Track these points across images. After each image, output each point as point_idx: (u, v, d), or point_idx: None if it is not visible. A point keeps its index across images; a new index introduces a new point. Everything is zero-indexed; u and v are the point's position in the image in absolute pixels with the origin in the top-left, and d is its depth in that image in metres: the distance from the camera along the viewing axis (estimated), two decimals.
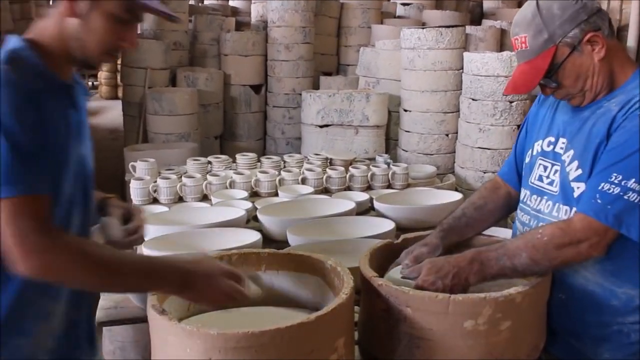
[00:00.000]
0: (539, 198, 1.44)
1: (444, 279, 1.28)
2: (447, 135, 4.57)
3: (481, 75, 4.11)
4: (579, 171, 1.34)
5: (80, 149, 1.24)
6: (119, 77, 8.81)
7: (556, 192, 1.39)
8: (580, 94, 1.35)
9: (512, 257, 1.28)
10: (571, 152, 1.36)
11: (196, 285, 1.17)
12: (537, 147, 1.47)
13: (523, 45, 1.34)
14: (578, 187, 1.33)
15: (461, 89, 4.37)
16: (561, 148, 1.40)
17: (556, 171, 1.40)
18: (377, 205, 2.74)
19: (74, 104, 1.24)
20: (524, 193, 1.50)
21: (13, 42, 1.18)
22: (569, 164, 1.36)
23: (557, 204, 1.39)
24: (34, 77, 1.13)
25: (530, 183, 1.47)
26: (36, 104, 1.10)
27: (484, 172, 4.19)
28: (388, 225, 2.31)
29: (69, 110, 1.22)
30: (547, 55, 1.31)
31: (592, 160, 1.30)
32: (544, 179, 1.43)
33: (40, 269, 1.06)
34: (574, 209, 1.33)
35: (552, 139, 1.43)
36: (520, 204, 1.52)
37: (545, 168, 1.43)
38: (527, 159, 1.50)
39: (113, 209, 1.42)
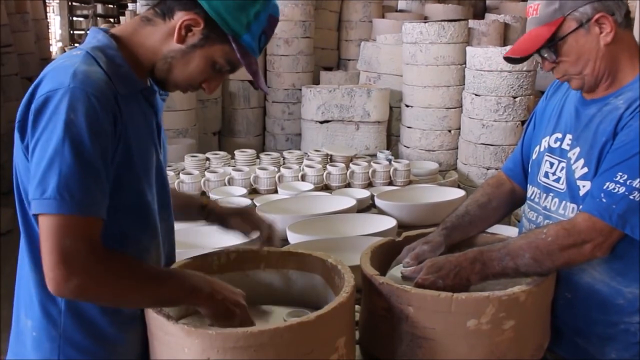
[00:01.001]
0: (546, 195, 1.41)
1: (445, 279, 1.27)
2: (449, 131, 4.54)
3: (484, 70, 4.08)
4: (585, 169, 1.31)
5: (160, 155, 1.21)
6: None
7: (563, 189, 1.37)
8: (579, 76, 1.32)
9: (515, 258, 1.26)
10: (577, 150, 1.34)
11: (210, 290, 1.15)
12: (544, 143, 1.45)
13: (534, 12, 1.32)
14: (584, 186, 1.31)
15: (464, 84, 4.35)
16: (568, 145, 1.37)
17: (562, 168, 1.37)
18: (378, 202, 2.72)
19: (153, 107, 1.20)
20: (532, 190, 1.48)
21: (98, 37, 1.13)
22: (574, 162, 1.34)
23: (564, 202, 1.36)
24: (116, 79, 1.08)
25: (538, 180, 1.45)
26: (112, 115, 1.04)
27: (487, 169, 4.17)
28: (389, 223, 2.29)
29: (150, 115, 1.18)
30: (553, 25, 1.29)
31: (598, 159, 1.28)
32: (550, 175, 1.40)
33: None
34: (581, 207, 1.30)
35: (559, 136, 1.41)
36: (528, 201, 1.49)
37: (552, 165, 1.41)
38: (534, 156, 1.48)
39: (234, 222, 1.42)
